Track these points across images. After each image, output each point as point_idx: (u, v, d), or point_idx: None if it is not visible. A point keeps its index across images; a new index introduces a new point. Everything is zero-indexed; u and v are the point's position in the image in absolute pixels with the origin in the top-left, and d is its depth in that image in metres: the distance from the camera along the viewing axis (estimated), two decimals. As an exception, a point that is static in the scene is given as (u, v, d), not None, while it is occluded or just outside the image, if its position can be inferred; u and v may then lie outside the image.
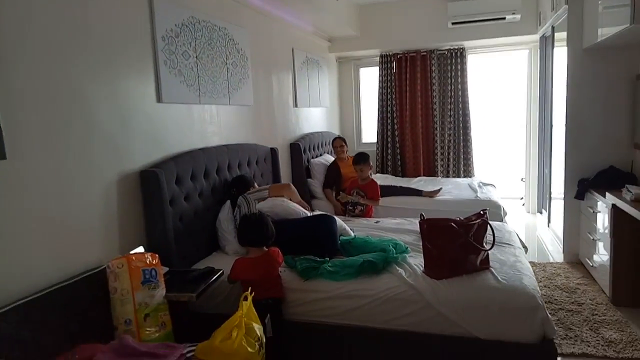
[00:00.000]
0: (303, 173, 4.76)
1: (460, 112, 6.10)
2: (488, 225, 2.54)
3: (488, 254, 2.56)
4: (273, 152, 4.10)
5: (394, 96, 6.27)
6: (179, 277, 2.34)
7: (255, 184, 3.43)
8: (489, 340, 2.23)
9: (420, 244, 2.59)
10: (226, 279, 2.42)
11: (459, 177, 6.10)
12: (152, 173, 2.51)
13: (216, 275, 2.34)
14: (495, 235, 2.55)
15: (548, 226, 5.07)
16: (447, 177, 6.11)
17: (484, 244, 2.57)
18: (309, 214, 3.17)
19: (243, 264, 2.35)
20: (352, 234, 3.10)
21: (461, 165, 6.18)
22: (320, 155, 5.40)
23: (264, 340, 1.84)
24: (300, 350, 2.49)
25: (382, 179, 5.55)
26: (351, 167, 4.62)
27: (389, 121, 6.33)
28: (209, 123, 3.26)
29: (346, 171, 4.83)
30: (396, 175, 6.24)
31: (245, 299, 1.85)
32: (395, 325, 2.34)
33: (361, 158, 3.99)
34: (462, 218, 2.59)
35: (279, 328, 2.36)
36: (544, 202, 5.72)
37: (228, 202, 3.19)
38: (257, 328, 1.83)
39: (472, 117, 6.11)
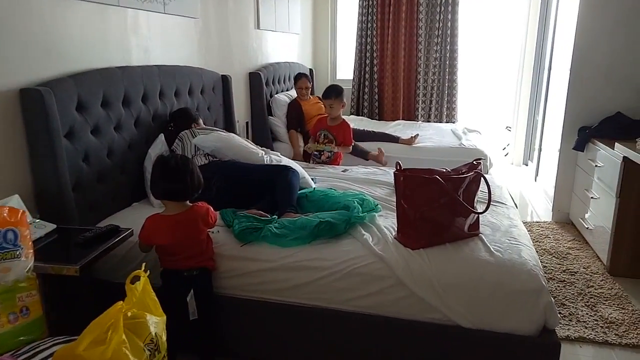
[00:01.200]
0: (264, 109, 4.08)
1: (448, 49, 5.41)
2: (482, 180, 1.98)
3: (478, 217, 2.02)
4: (225, 80, 3.39)
5: (375, 28, 5.51)
6: (67, 240, 1.72)
7: (201, 121, 2.75)
8: (474, 329, 1.73)
9: (394, 200, 2.02)
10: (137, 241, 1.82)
11: (441, 122, 5.53)
12: (35, 92, 1.82)
13: (119, 237, 1.73)
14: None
15: (535, 180, 4.60)
16: (428, 121, 5.52)
17: (475, 205, 2.02)
18: (265, 158, 2.53)
19: (155, 223, 1.74)
20: (312, 185, 2.51)
21: (444, 109, 5.58)
22: (288, 90, 4.70)
23: (163, 340, 1.27)
24: (236, 334, 1.96)
25: (356, 122, 4.93)
26: (315, 105, 3.96)
27: (367, 56, 5.61)
28: (133, 34, 2.51)
29: (309, 109, 4.17)
30: (372, 118, 5.62)
31: (135, 280, 1.25)
32: (357, 306, 1.81)
33: (332, 91, 3.29)
34: (448, 169, 2.02)
35: (206, 307, 1.81)
36: (531, 153, 5.23)
37: (161, 136, 2.53)
38: (154, 322, 1.26)
39: (459, 57, 5.45)
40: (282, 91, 4.55)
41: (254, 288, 1.87)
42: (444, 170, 2.00)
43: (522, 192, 4.61)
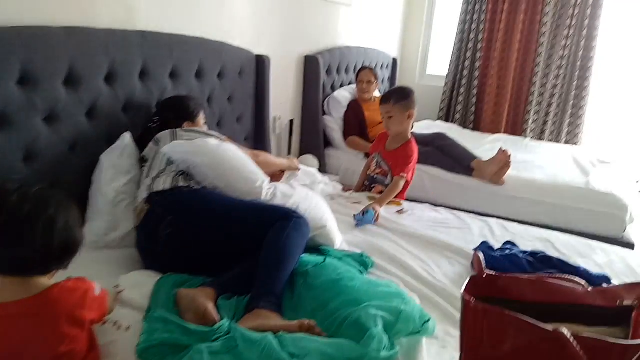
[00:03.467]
0: (317, 105, 3.14)
1: (581, 51, 4.06)
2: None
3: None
4: (260, 62, 2.52)
5: (484, 13, 4.31)
6: None
7: (201, 118, 1.89)
8: None
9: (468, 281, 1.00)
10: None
11: (558, 141, 4.22)
12: None
13: None
14: None
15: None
16: (540, 139, 4.24)
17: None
18: (266, 190, 1.60)
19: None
20: (336, 244, 1.56)
21: (565, 125, 4.25)
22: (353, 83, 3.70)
23: None
24: None
25: (438, 129, 3.85)
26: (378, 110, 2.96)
27: (469, 48, 4.42)
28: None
29: (373, 114, 3.16)
30: (464, 127, 4.45)
31: None
32: None
33: (393, 94, 2.21)
34: (585, 285, 0.96)
35: None
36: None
37: (127, 135, 1.72)
38: None
39: (595, 63, 4.07)
40: (347, 84, 3.58)
41: None
42: (581, 285, 0.95)
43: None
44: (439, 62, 4.88)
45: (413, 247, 1.68)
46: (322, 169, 3.19)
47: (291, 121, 2.94)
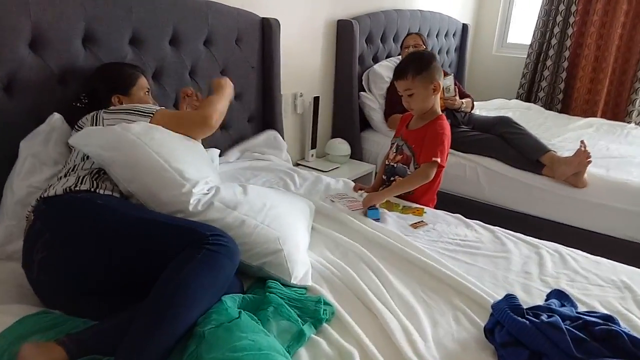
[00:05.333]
0: (351, 80, 2.62)
1: None
2: None
3: None
4: (266, 26, 2.06)
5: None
6: None
7: (141, 87, 1.45)
8: None
9: None
10: None
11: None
12: None
13: None
14: None
15: None
16: (650, 126, 3.35)
17: None
18: (193, 197, 1.15)
19: None
20: (276, 286, 1.09)
21: (685, 109, 3.31)
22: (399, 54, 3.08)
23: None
24: None
25: (516, 111, 3.19)
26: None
27: (560, 13, 3.57)
28: None
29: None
30: (549, 109, 3.66)
31: None
32: None
33: (410, 65, 1.62)
34: None
35: None
36: None
37: (55, 116, 1.38)
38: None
39: None
40: (396, 55, 2.99)
41: None
42: None
43: None
44: (521, 29, 4.05)
45: (407, 286, 1.16)
46: (357, 155, 2.70)
47: (315, 98, 2.46)
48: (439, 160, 1.62)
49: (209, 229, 1.00)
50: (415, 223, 1.52)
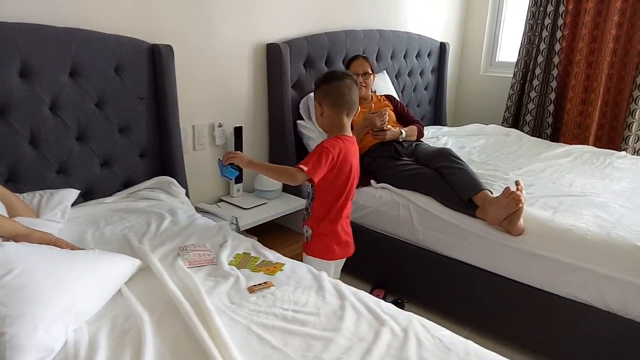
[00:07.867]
0: (282, 107, 2.40)
1: None
2: None
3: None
4: (156, 52, 1.88)
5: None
6: None
7: None
8: None
9: None
10: None
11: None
12: None
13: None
14: None
15: None
16: (646, 154, 2.92)
17: None
18: None
19: None
20: None
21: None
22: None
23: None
24: None
25: (493, 137, 2.89)
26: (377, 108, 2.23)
27: (546, 31, 3.21)
28: None
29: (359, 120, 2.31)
30: (540, 135, 3.30)
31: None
32: None
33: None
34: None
35: None
36: None
37: None
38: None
39: None
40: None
41: None
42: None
43: None
44: (509, 47, 3.70)
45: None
46: (292, 189, 2.46)
47: (236, 129, 2.25)
48: (305, 168, 1.49)
49: None
50: (255, 286, 1.26)
